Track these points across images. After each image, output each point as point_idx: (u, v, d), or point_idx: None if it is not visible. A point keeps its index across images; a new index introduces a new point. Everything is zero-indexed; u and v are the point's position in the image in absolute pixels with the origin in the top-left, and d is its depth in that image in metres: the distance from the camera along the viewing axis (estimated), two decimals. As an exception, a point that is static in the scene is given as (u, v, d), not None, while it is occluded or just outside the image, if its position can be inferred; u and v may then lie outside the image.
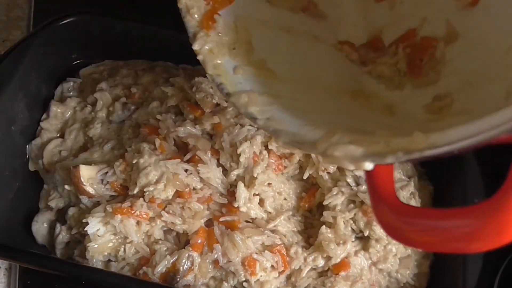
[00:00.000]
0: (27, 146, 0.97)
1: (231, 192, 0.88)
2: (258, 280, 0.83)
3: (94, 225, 0.83)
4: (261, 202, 0.88)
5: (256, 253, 0.83)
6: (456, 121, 0.51)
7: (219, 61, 0.68)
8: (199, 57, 0.68)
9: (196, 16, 0.68)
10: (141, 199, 0.84)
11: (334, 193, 0.86)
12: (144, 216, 0.83)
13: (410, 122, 0.63)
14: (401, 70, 0.70)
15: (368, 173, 0.53)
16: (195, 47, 0.68)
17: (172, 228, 0.85)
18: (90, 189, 0.87)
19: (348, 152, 0.50)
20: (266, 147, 0.89)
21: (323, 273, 0.86)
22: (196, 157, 0.87)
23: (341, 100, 0.69)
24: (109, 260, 0.86)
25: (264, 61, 0.69)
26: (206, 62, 0.68)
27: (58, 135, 0.98)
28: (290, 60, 0.72)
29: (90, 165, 0.89)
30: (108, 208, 0.84)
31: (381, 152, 0.48)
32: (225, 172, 0.89)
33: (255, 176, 0.85)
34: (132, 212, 0.83)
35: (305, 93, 0.68)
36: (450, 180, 0.95)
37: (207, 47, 0.68)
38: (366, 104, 0.69)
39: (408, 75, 0.69)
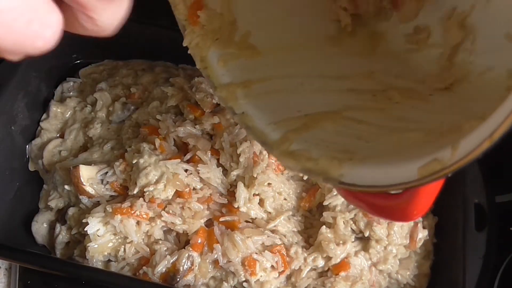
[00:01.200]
0: (27, 146, 0.97)
1: (231, 192, 0.88)
2: (258, 280, 0.83)
3: (94, 225, 0.83)
4: (261, 202, 0.88)
5: (256, 253, 0.83)
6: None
7: (204, 54, 0.69)
8: (190, 52, 0.69)
9: (182, 11, 0.68)
10: (141, 199, 0.84)
11: (334, 193, 0.86)
12: (144, 216, 0.83)
13: (388, 61, 0.67)
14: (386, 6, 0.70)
15: None
16: (184, 43, 0.69)
17: (172, 228, 0.85)
18: (90, 189, 0.87)
19: (288, 165, 0.61)
20: (266, 147, 0.89)
21: (323, 274, 0.86)
22: (196, 157, 0.87)
23: (321, 51, 0.70)
24: (109, 260, 0.86)
25: (248, 35, 0.70)
26: (195, 56, 0.69)
27: (58, 135, 0.98)
28: (272, 19, 0.71)
29: (90, 165, 0.89)
30: (108, 208, 0.84)
31: (310, 169, 0.58)
32: (225, 172, 0.89)
33: (255, 176, 0.85)
34: (132, 212, 0.83)
35: (284, 62, 0.70)
36: (450, 180, 0.94)
37: (194, 42, 0.69)
38: (350, 44, 0.71)
39: (392, 9, 0.70)
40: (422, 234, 0.88)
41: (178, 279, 0.81)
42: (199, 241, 0.83)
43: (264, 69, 0.69)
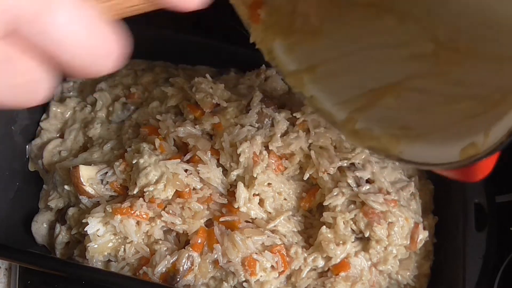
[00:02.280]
0: (27, 146, 0.97)
1: (231, 192, 0.88)
2: (258, 280, 0.83)
3: (94, 225, 0.83)
4: (261, 202, 0.88)
5: (256, 253, 0.83)
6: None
7: (270, 47, 0.74)
8: (257, 47, 0.74)
9: (244, 12, 0.73)
10: (141, 199, 0.84)
11: (335, 193, 0.86)
12: (144, 216, 0.83)
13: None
14: None
15: None
16: (251, 40, 0.73)
17: (172, 228, 0.85)
18: (89, 189, 0.87)
19: (355, 143, 0.71)
20: (267, 147, 0.89)
21: (323, 274, 0.86)
22: (196, 157, 0.87)
23: (380, 21, 0.73)
24: (109, 260, 0.86)
25: (307, 19, 0.73)
26: (262, 50, 0.74)
27: (58, 135, 0.98)
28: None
29: (90, 165, 0.89)
30: (108, 208, 0.84)
31: (374, 147, 0.64)
32: (225, 172, 0.89)
33: (255, 176, 0.85)
34: (132, 212, 0.83)
35: (345, 40, 0.73)
36: (450, 180, 0.94)
37: (259, 38, 0.73)
38: (406, 10, 0.72)
39: None
40: (423, 235, 0.88)
41: (178, 279, 0.81)
42: (199, 241, 0.83)
43: (327, 51, 0.73)
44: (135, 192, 0.85)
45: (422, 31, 0.70)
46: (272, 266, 0.83)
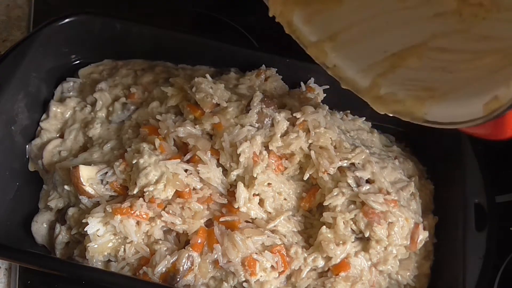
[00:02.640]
0: (27, 146, 0.97)
1: (231, 192, 0.88)
2: (258, 280, 0.83)
3: (94, 225, 0.83)
4: (261, 202, 0.88)
5: (256, 253, 0.83)
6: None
7: (290, 19, 0.74)
8: (277, 21, 0.75)
9: None
10: (141, 199, 0.84)
11: (335, 194, 0.86)
12: (144, 216, 0.83)
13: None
14: None
15: None
16: (270, 14, 0.73)
17: (172, 228, 0.85)
18: (89, 189, 0.87)
19: (379, 109, 0.69)
20: (267, 147, 0.89)
21: (323, 274, 0.86)
22: (196, 157, 0.87)
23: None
24: (109, 260, 0.86)
25: None
26: (282, 23, 0.74)
27: (57, 135, 0.98)
28: None
29: (90, 165, 0.89)
30: (107, 209, 0.83)
31: (399, 111, 0.66)
32: (225, 172, 0.89)
33: (255, 176, 0.85)
34: (132, 212, 0.83)
35: (366, 4, 0.74)
36: (450, 180, 0.95)
37: (278, 11, 0.74)
38: None
39: None
40: (423, 236, 0.88)
41: (178, 279, 0.81)
42: (199, 241, 0.83)
43: (348, 16, 0.74)
44: (135, 192, 0.85)
45: None
46: (272, 266, 0.83)
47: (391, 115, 0.74)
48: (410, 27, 0.71)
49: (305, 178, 0.89)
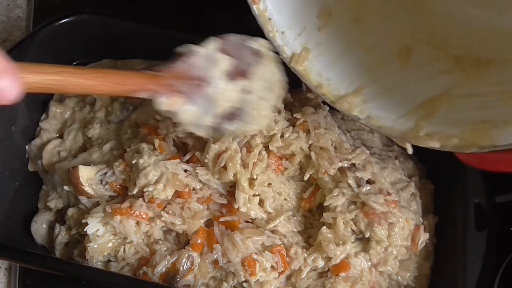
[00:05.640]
0: (26, 147, 0.97)
1: (231, 192, 0.88)
2: (258, 280, 0.83)
3: (94, 226, 0.83)
4: (261, 203, 0.88)
5: (256, 253, 0.83)
6: None
7: (311, 77, 0.81)
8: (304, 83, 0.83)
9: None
10: (141, 199, 0.84)
11: (335, 194, 0.86)
12: (144, 216, 0.83)
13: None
14: None
15: None
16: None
17: (172, 228, 0.85)
18: (89, 190, 0.87)
19: (434, 146, 0.71)
20: (267, 147, 0.89)
21: (323, 274, 0.86)
22: (196, 157, 0.87)
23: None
24: (109, 260, 0.86)
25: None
26: (306, 82, 0.82)
27: (57, 135, 0.98)
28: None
29: (89, 165, 0.89)
30: (107, 209, 0.83)
31: (459, 145, 0.68)
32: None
33: (255, 177, 0.85)
34: (132, 212, 0.83)
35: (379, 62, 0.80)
36: (450, 180, 0.94)
37: (301, 69, 0.82)
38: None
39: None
40: (424, 238, 0.88)
41: (178, 279, 0.81)
42: (199, 241, 0.83)
43: (368, 71, 0.79)
44: (134, 192, 0.85)
45: (436, 50, 0.75)
46: (272, 266, 0.83)
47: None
48: (425, 82, 0.76)
49: (305, 178, 0.89)
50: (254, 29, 1.20)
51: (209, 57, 0.74)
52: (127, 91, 0.68)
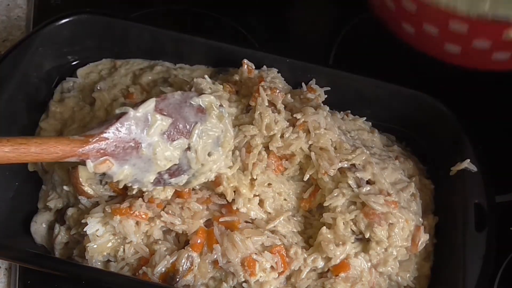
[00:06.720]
0: (26, 147, 0.97)
1: (230, 192, 0.88)
2: (257, 280, 0.83)
3: (93, 226, 0.83)
4: (261, 203, 0.88)
5: (256, 253, 0.83)
6: None
7: None
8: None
9: None
10: (140, 199, 0.84)
11: (335, 194, 0.86)
12: (143, 216, 0.83)
13: None
14: None
15: None
16: None
17: (171, 229, 0.85)
18: (88, 190, 0.87)
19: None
20: (267, 147, 0.89)
21: (323, 274, 0.86)
22: (196, 157, 0.87)
23: None
24: (109, 260, 0.86)
25: None
26: None
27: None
28: None
29: (89, 165, 0.89)
30: (107, 209, 0.83)
31: None
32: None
33: (255, 177, 0.85)
34: (131, 212, 0.83)
35: None
36: (450, 180, 0.94)
37: None
38: None
39: None
40: (424, 238, 0.88)
41: (177, 279, 0.81)
42: (198, 241, 0.83)
43: None
44: (134, 192, 0.84)
45: None
46: (272, 267, 0.83)
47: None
48: None
49: (305, 178, 0.89)
50: (253, 28, 1.21)
51: (145, 118, 0.76)
52: (54, 158, 0.70)
